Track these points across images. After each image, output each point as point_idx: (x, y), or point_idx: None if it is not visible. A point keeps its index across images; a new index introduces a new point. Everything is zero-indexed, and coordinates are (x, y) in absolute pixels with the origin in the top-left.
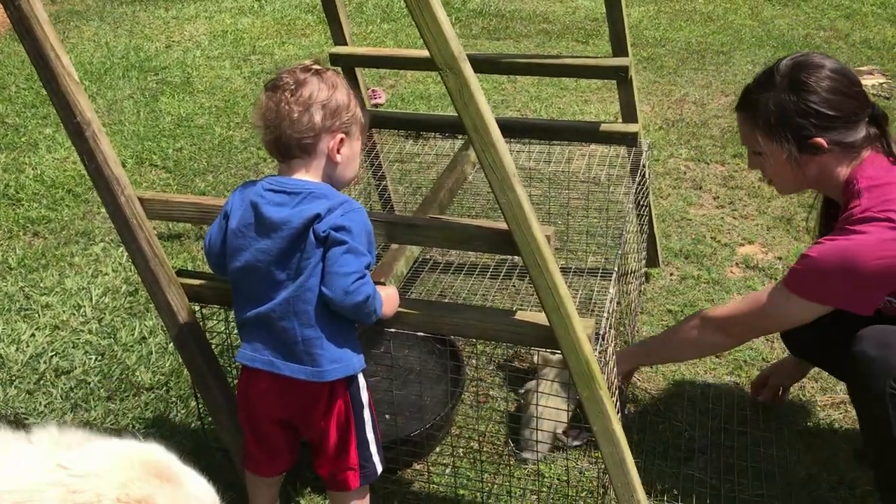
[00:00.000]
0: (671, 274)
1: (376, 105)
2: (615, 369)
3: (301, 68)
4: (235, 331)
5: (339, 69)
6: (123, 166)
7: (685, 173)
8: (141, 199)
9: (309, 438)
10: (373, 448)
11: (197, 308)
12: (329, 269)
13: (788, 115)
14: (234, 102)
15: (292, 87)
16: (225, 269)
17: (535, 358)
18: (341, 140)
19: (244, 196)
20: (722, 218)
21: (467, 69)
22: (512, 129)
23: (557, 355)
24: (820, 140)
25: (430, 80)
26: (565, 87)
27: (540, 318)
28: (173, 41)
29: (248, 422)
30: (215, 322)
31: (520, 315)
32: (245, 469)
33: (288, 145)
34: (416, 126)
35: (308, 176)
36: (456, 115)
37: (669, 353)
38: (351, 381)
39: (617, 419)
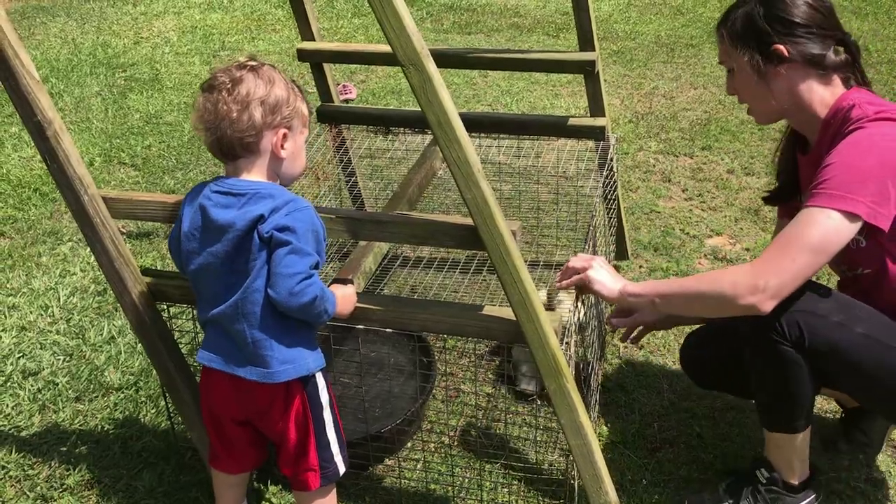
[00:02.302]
0: (640, 266)
1: (347, 100)
2: (604, 289)
3: (236, 66)
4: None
5: (275, 64)
6: (91, 164)
7: (654, 166)
8: (105, 199)
9: (270, 438)
10: (334, 448)
11: (163, 307)
12: (274, 271)
13: (753, 21)
14: None
15: (228, 85)
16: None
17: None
18: (284, 135)
19: (194, 198)
20: (690, 210)
21: (430, 65)
22: (481, 125)
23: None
24: (781, 47)
25: (402, 75)
26: (536, 82)
27: (507, 312)
28: (141, 37)
29: (211, 421)
30: (184, 320)
31: (487, 310)
32: (211, 467)
33: (231, 146)
34: (385, 122)
35: (254, 175)
36: None
37: (678, 303)
38: (307, 381)
39: (584, 411)
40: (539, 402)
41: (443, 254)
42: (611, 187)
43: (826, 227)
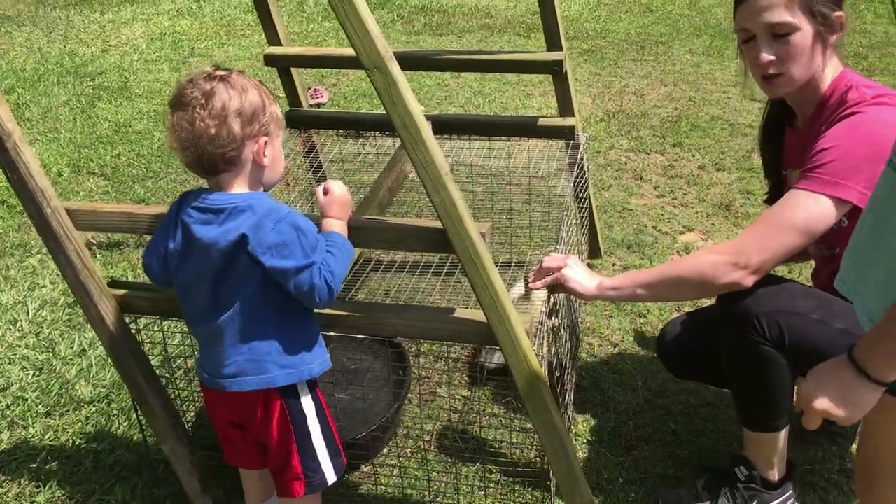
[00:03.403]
0: (613, 264)
1: (318, 104)
2: (580, 287)
3: (204, 77)
4: (173, 340)
5: (244, 70)
6: (60, 175)
7: (626, 164)
8: (68, 210)
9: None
10: (322, 457)
11: (131, 319)
12: (299, 297)
13: None
14: None
15: (202, 100)
16: (172, 287)
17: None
18: (265, 143)
19: (177, 214)
20: (662, 207)
21: (394, 68)
22: (452, 127)
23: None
24: (842, 14)
25: None
26: (508, 82)
27: (479, 315)
28: (110, 45)
29: (216, 425)
30: (155, 331)
31: (459, 313)
32: (231, 465)
33: (212, 162)
34: (356, 125)
35: (237, 187)
36: None
37: (661, 290)
38: (289, 393)
39: (558, 412)
40: (515, 402)
41: (416, 257)
42: (582, 186)
43: (813, 211)
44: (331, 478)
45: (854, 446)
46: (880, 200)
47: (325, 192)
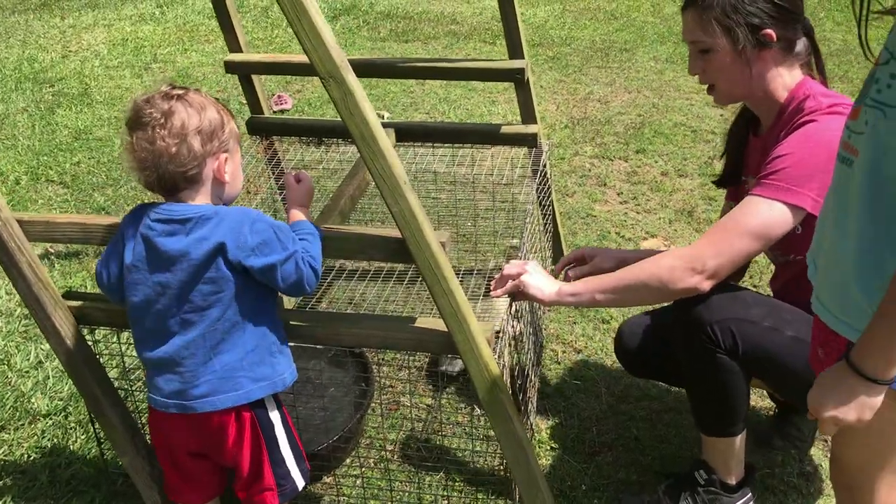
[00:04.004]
0: None
1: (282, 111)
2: (540, 293)
3: (160, 96)
4: (130, 351)
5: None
6: (17, 183)
7: (590, 170)
8: (20, 222)
9: (224, 464)
10: (290, 464)
11: (88, 331)
12: (288, 290)
13: (742, 4)
14: None
15: (161, 120)
16: (125, 303)
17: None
18: (225, 159)
19: (135, 228)
20: (626, 213)
21: (350, 77)
22: (415, 134)
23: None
24: (770, 31)
25: None
26: (473, 89)
27: (439, 323)
28: (70, 51)
29: (165, 456)
30: (113, 342)
31: (420, 322)
32: (173, 500)
33: (173, 181)
34: (318, 132)
35: (197, 202)
36: None
37: (620, 295)
38: (259, 407)
39: (519, 421)
40: (478, 410)
41: (382, 265)
42: (545, 193)
43: (768, 217)
44: (300, 483)
45: (813, 449)
46: (837, 190)
47: (298, 181)
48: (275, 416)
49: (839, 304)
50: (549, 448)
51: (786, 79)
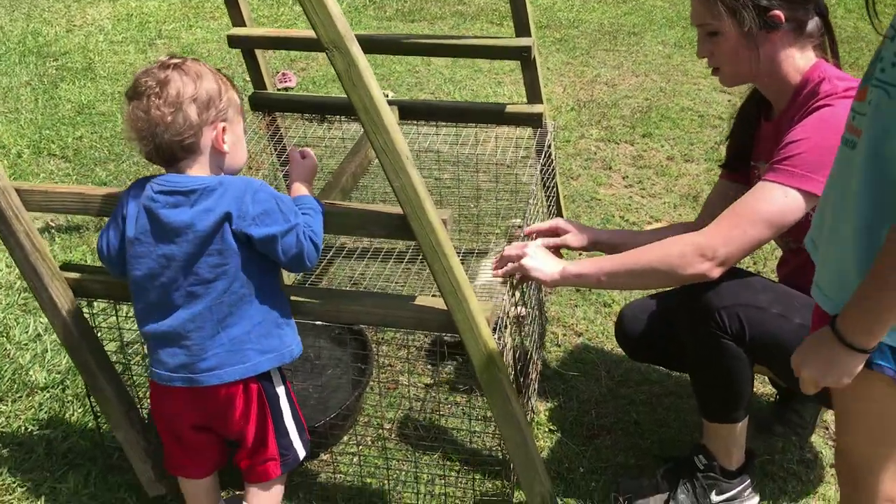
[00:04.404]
0: (580, 255)
1: (287, 88)
2: (542, 275)
3: (158, 66)
4: (130, 325)
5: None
6: (19, 156)
7: (595, 153)
8: (18, 191)
9: (228, 436)
10: (293, 435)
11: (86, 303)
12: (289, 263)
13: None
14: None
15: (156, 89)
16: (126, 277)
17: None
18: (224, 129)
19: (137, 200)
20: (630, 197)
21: (354, 48)
22: (419, 112)
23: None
24: (779, 13)
25: None
26: (479, 69)
27: (439, 302)
28: (74, 25)
29: (167, 430)
30: (112, 315)
31: (420, 300)
32: (174, 475)
33: (170, 150)
34: (321, 109)
35: (197, 173)
36: None
37: (626, 278)
38: (266, 380)
39: (518, 402)
40: (477, 390)
41: (384, 243)
42: (549, 174)
43: (782, 204)
44: (301, 454)
45: (814, 437)
46: (837, 176)
47: (304, 156)
48: (280, 389)
49: (838, 290)
50: (547, 430)
51: (798, 61)
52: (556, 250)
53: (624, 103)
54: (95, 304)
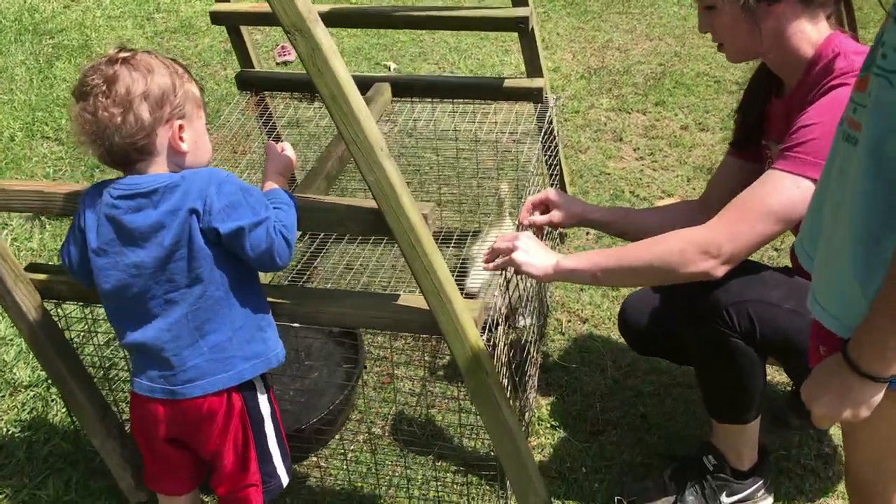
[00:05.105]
0: (587, 234)
1: (285, 62)
2: (534, 270)
3: (105, 61)
4: (105, 327)
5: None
6: (12, 140)
7: (606, 124)
8: None
9: (203, 457)
10: (277, 461)
11: (53, 306)
12: (259, 261)
13: None
14: None
15: (103, 87)
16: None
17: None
18: (180, 127)
19: (94, 209)
20: (641, 170)
21: (318, 30)
22: (413, 89)
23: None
24: None
25: (344, 34)
26: (485, 37)
27: (422, 301)
28: (72, 1)
29: (144, 442)
30: (81, 317)
31: (402, 300)
32: (150, 489)
33: (124, 153)
34: (311, 88)
35: (155, 173)
36: (362, 74)
37: (623, 275)
38: (249, 392)
39: (509, 408)
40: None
41: None
42: (552, 151)
43: (792, 195)
44: (285, 480)
45: (832, 429)
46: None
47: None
48: (265, 406)
49: (842, 307)
50: (548, 426)
51: (810, 34)
52: (542, 230)
53: (636, 69)
54: (64, 305)
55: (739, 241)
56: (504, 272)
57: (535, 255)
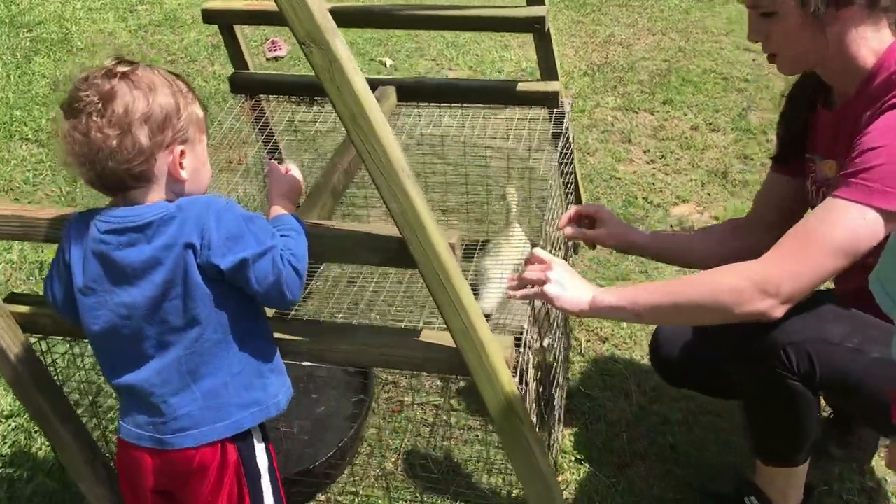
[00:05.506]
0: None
1: (276, 58)
2: (569, 305)
3: (102, 74)
4: (86, 349)
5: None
6: None
7: (613, 124)
8: None
9: None
10: None
11: (35, 340)
12: (266, 297)
13: None
14: None
15: (98, 105)
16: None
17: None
18: (182, 153)
19: (81, 244)
20: (653, 174)
21: (337, 43)
22: (420, 93)
23: None
24: None
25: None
26: (483, 33)
27: (446, 338)
28: None
29: (131, 492)
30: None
31: (424, 336)
32: None
33: (117, 179)
34: (311, 91)
35: (151, 200)
36: (366, 76)
37: (668, 314)
38: (245, 443)
39: (543, 452)
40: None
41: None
42: (567, 159)
43: (858, 227)
44: None
45: (875, 459)
46: None
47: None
48: (262, 459)
49: None
50: (573, 459)
51: (872, 41)
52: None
53: (641, 66)
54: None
55: (801, 279)
56: (531, 303)
57: (570, 289)
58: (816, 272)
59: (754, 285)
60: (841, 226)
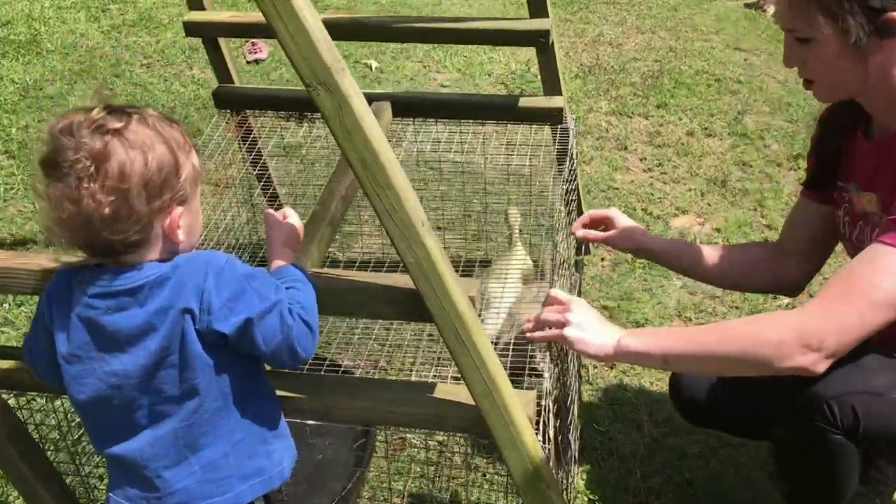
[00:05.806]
0: (602, 259)
1: (257, 60)
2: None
3: (89, 127)
4: (68, 417)
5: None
6: None
7: (608, 130)
8: None
9: None
10: None
11: (12, 396)
12: (275, 356)
13: None
14: (92, 64)
15: (90, 169)
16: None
17: None
18: (180, 214)
19: (64, 307)
20: (651, 184)
21: (346, 83)
22: (416, 108)
23: None
24: (894, 14)
25: None
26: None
27: (464, 394)
28: None
29: None
30: (43, 413)
31: (439, 391)
32: None
33: (109, 248)
34: (300, 106)
35: (143, 261)
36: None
37: (698, 363)
38: None
39: None
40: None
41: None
42: (572, 176)
43: None
44: None
45: None
46: None
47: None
48: None
49: None
50: (586, 500)
51: None
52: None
53: (632, 67)
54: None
55: (847, 334)
56: (549, 345)
57: (592, 332)
58: (863, 325)
59: (797, 339)
60: (888, 275)
